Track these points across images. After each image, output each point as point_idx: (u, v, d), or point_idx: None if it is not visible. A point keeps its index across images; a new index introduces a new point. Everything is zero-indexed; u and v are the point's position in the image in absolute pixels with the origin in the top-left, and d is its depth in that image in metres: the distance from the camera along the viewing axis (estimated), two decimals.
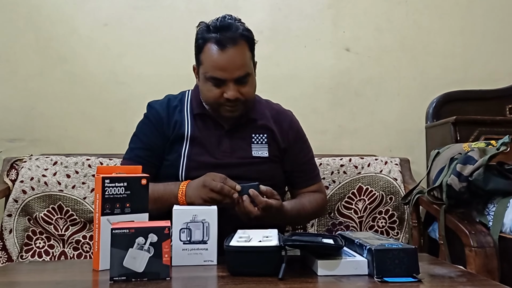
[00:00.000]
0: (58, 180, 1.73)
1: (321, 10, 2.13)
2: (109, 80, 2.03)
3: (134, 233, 0.87)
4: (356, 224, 1.80)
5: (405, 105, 2.14)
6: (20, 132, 1.98)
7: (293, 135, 1.44)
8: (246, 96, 1.29)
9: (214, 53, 1.25)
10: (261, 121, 1.39)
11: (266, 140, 1.37)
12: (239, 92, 1.26)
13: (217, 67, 1.24)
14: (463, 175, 1.42)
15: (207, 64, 1.26)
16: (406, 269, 0.88)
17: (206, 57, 1.26)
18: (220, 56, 1.24)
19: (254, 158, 1.34)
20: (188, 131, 1.33)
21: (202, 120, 1.36)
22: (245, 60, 1.28)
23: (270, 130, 1.39)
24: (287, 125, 1.44)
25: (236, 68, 1.25)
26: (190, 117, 1.36)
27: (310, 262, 0.96)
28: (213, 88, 1.27)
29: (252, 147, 1.36)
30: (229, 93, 1.25)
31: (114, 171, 1.01)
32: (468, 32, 2.18)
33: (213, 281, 0.92)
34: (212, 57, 1.25)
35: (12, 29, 1.99)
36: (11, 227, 1.68)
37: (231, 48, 1.24)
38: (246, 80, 1.29)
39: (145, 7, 2.06)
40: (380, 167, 1.86)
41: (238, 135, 1.36)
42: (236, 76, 1.25)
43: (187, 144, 1.32)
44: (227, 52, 1.24)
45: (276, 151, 1.38)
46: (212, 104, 1.30)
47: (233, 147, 1.34)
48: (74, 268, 1.11)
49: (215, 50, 1.24)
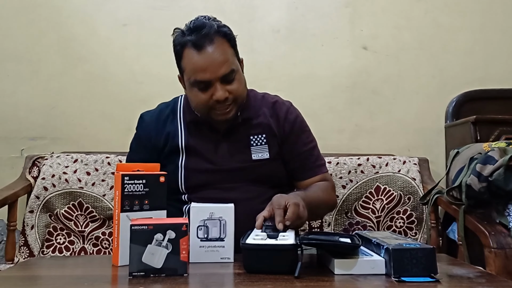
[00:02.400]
0: (79, 178, 1.77)
1: (338, 8, 2.12)
2: (127, 79, 2.05)
3: (152, 230, 0.89)
4: (374, 224, 1.79)
5: (424, 104, 2.11)
6: (42, 130, 2.02)
7: (289, 125, 1.36)
8: (235, 93, 1.23)
9: (193, 56, 1.20)
10: (257, 120, 1.33)
11: (265, 141, 1.31)
12: (227, 91, 1.21)
13: (199, 69, 1.19)
14: (483, 175, 1.40)
15: (189, 69, 1.22)
16: (424, 269, 0.87)
17: (186, 62, 1.22)
18: (199, 58, 1.19)
19: (254, 162, 1.30)
20: (182, 141, 1.29)
21: (196, 126, 1.31)
22: (226, 57, 1.22)
23: (268, 127, 1.33)
24: (283, 115, 1.36)
25: (218, 66, 1.19)
26: (183, 125, 1.32)
27: (327, 261, 0.96)
28: (200, 94, 1.22)
29: (252, 150, 1.30)
30: (217, 94, 1.19)
31: (133, 169, 1.02)
32: (488, 29, 2.14)
33: (229, 278, 0.93)
34: (192, 60, 1.20)
35: (34, 30, 2.03)
36: (33, 223, 1.72)
37: (208, 46, 1.19)
38: (232, 77, 1.22)
39: (163, 8, 2.08)
40: (398, 167, 1.85)
41: (235, 137, 1.31)
42: (220, 75, 1.19)
43: (183, 154, 1.29)
44: (205, 52, 1.19)
45: (276, 148, 1.33)
46: (202, 110, 1.25)
47: (231, 151, 1.29)
48: (94, 263, 1.13)
49: (193, 52, 1.20)
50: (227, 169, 1.27)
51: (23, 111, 2.01)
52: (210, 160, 1.28)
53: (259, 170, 1.30)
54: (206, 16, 1.25)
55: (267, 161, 1.31)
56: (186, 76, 1.24)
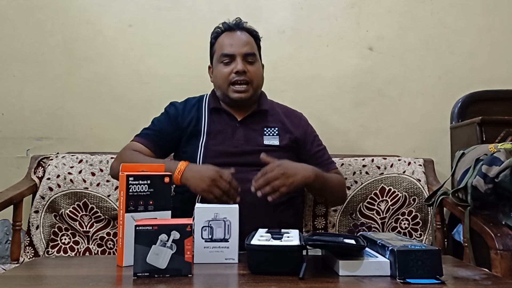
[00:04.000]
0: (84, 178, 1.77)
1: (344, 9, 2.12)
2: (133, 80, 2.06)
3: (157, 230, 0.89)
4: (379, 225, 1.79)
5: (429, 105, 2.11)
6: (47, 131, 2.03)
7: (303, 129, 1.56)
8: (252, 74, 1.44)
9: (223, 37, 1.48)
10: (272, 115, 1.53)
11: (277, 132, 1.49)
12: (246, 68, 1.42)
13: (226, 44, 1.45)
14: (488, 176, 1.40)
15: (218, 47, 1.47)
16: (429, 271, 0.86)
17: (218, 42, 1.48)
18: (228, 37, 1.47)
19: (266, 146, 1.45)
20: (204, 126, 1.46)
21: (218, 113, 1.49)
22: (251, 43, 1.48)
23: (281, 123, 1.51)
24: (297, 120, 1.58)
25: (243, 45, 1.45)
26: (207, 113, 1.49)
27: (332, 262, 0.96)
28: (224, 67, 1.44)
29: (264, 138, 1.47)
30: (237, 66, 1.42)
31: (138, 169, 1.02)
32: (494, 30, 2.13)
33: (234, 279, 0.93)
34: (222, 39, 1.48)
35: (40, 31, 2.04)
36: (38, 223, 1.73)
37: (237, 31, 1.48)
38: (253, 60, 1.46)
39: (168, 8, 2.08)
40: (403, 168, 1.84)
41: (251, 126, 1.49)
42: (243, 51, 1.43)
43: (204, 137, 1.44)
44: (234, 33, 1.47)
45: (288, 141, 1.48)
46: (223, 84, 1.45)
47: (247, 136, 1.46)
48: (99, 263, 1.13)
49: (226, 33, 1.48)
50: (241, 152, 1.42)
51: (29, 112, 2.02)
52: (227, 143, 1.44)
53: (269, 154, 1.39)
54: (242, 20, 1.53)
55: (277, 147, 1.46)
56: (216, 55, 1.48)
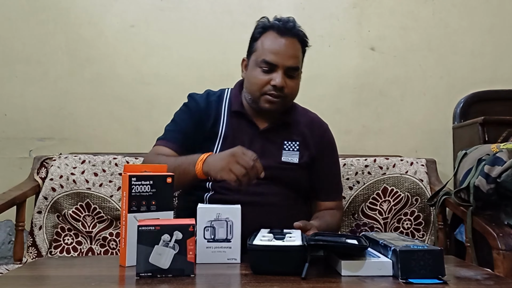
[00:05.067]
0: (86, 178, 1.78)
1: (346, 9, 2.12)
2: (135, 80, 2.06)
3: (159, 230, 0.89)
4: (381, 225, 1.79)
5: (431, 105, 2.10)
6: (50, 131, 2.03)
7: (324, 145, 1.45)
8: (289, 90, 1.31)
9: (272, 38, 1.29)
10: (294, 128, 1.40)
11: (297, 148, 1.37)
12: (285, 84, 1.28)
13: (273, 51, 1.27)
14: (491, 176, 1.39)
15: (262, 49, 1.29)
16: (431, 271, 0.87)
17: (263, 42, 1.30)
18: (276, 41, 1.28)
19: (282, 164, 1.35)
20: (222, 129, 1.35)
21: (238, 118, 1.37)
22: (298, 55, 1.32)
23: (303, 137, 1.39)
24: (320, 133, 1.45)
25: (290, 57, 1.29)
26: (226, 114, 1.37)
27: (334, 262, 0.96)
28: (261, 74, 1.29)
29: (283, 152, 1.36)
30: (277, 80, 1.26)
31: (140, 170, 1.03)
32: (497, 30, 2.13)
33: (236, 279, 0.93)
34: (269, 41, 1.29)
35: (42, 32, 2.05)
36: (41, 224, 1.73)
37: (289, 37, 1.29)
38: (295, 74, 1.32)
39: (170, 9, 2.08)
40: (405, 168, 1.84)
41: (270, 138, 1.37)
42: (288, 65, 1.28)
43: (220, 142, 1.34)
44: (285, 39, 1.29)
45: (307, 158, 1.38)
46: (255, 92, 1.31)
47: (264, 150, 1.33)
48: (102, 263, 1.14)
49: (274, 35, 1.29)
50: None
51: (31, 112, 2.03)
52: None
53: (285, 172, 1.34)
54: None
55: (295, 165, 1.36)
56: (255, 56, 1.31)
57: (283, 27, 1.30)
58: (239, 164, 1.07)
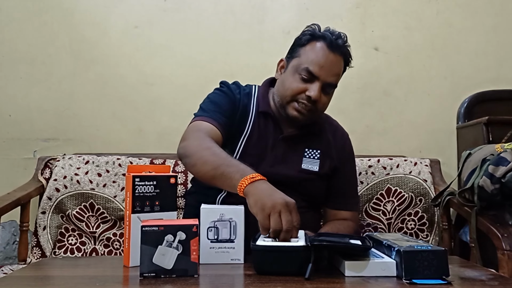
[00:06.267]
0: (90, 179, 1.78)
1: (349, 9, 2.12)
2: (139, 81, 2.07)
3: (163, 231, 0.89)
4: (385, 226, 1.78)
5: (435, 105, 2.10)
6: (54, 132, 2.04)
7: (344, 155, 1.43)
8: (321, 105, 1.30)
9: (321, 50, 1.26)
10: (317, 136, 1.38)
11: (318, 156, 1.36)
12: (319, 98, 1.27)
13: (318, 63, 1.25)
14: (495, 176, 1.39)
15: (307, 57, 1.27)
16: (435, 271, 0.86)
17: (309, 50, 1.27)
18: (325, 54, 1.26)
19: (302, 171, 1.33)
20: (249, 127, 1.32)
21: (265, 119, 1.34)
22: (340, 74, 1.32)
23: (325, 146, 1.38)
24: (342, 143, 1.45)
25: (332, 73, 1.27)
26: (254, 112, 1.34)
27: (337, 262, 0.96)
28: (299, 82, 1.27)
29: (303, 160, 1.34)
30: (312, 92, 1.25)
31: (144, 170, 1.03)
32: (500, 29, 2.12)
33: (239, 280, 0.93)
34: (317, 52, 1.26)
35: (46, 33, 2.05)
36: (45, 224, 1.74)
37: (337, 53, 1.27)
38: (330, 91, 1.31)
39: (174, 10, 2.09)
40: (409, 168, 1.83)
41: (293, 145, 1.35)
42: (328, 80, 1.27)
43: (244, 140, 1.30)
44: (333, 54, 1.27)
45: (328, 168, 1.37)
46: (287, 97, 1.28)
47: (285, 155, 1.32)
48: (106, 264, 1.14)
49: (323, 47, 1.26)
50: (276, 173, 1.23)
51: (35, 113, 2.04)
52: (264, 155, 1.31)
53: (304, 180, 1.32)
54: None
55: (314, 174, 1.34)
56: (297, 61, 1.28)
57: (335, 43, 1.27)
58: (280, 218, 0.96)
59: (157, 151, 1.95)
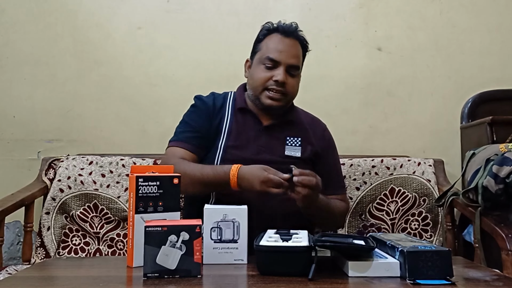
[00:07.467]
0: (94, 179, 1.79)
1: (352, 9, 2.11)
2: (142, 82, 2.07)
3: (166, 231, 0.89)
4: (388, 226, 1.78)
5: (439, 105, 2.09)
6: (58, 133, 2.04)
7: (325, 143, 1.50)
8: (290, 87, 1.38)
9: (276, 39, 1.39)
10: (296, 125, 1.46)
11: (300, 143, 1.43)
12: (286, 80, 1.35)
13: (276, 49, 1.36)
14: (499, 176, 1.38)
15: (266, 47, 1.39)
16: (439, 272, 0.86)
17: (267, 42, 1.40)
18: (281, 41, 1.38)
19: (286, 157, 1.39)
20: (226, 124, 1.40)
21: (243, 114, 1.43)
22: (299, 55, 1.42)
23: (305, 133, 1.45)
24: (321, 131, 1.52)
25: (291, 56, 1.37)
26: (231, 112, 1.43)
27: (341, 263, 0.96)
28: (265, 71, 1.36)
29: (286, 148, 1.41)
30: (278, 76, 1.34)
31: (147, 171, 1.03)
32: (504, 29, 2.11)
33: (243, 280, 0.93)
34: (274, 41, 1.39)
35: (50, 34, 2.06)
36: (49, 225, 1.74)
37: (292, 38, 1.39)
38: (295, 73, 1.40)
39: (177, 11, 2.09)
40: (413, 168, 1.83)
41: (274, 134, 1.42)
42: (289, 63, 1.36)
43: (224, 137, 1.38)
44: (288, 40, 1.39)
45: (309, 153, 1.43)
46: (258, 87, 1.38)
47: (268, 144, 1.40)
48: (109, 264, 1.14)
49: (278, 36, 1.39)
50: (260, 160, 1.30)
51: (39, 114, 2.04)
52: (247, 147, 1.38)
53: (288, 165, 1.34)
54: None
55: (297, 159, 1.40)
56: (259, 54, 1.40)
57: (287, 29, 1.39)
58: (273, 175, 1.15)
59: (161, 152, 1.94)
